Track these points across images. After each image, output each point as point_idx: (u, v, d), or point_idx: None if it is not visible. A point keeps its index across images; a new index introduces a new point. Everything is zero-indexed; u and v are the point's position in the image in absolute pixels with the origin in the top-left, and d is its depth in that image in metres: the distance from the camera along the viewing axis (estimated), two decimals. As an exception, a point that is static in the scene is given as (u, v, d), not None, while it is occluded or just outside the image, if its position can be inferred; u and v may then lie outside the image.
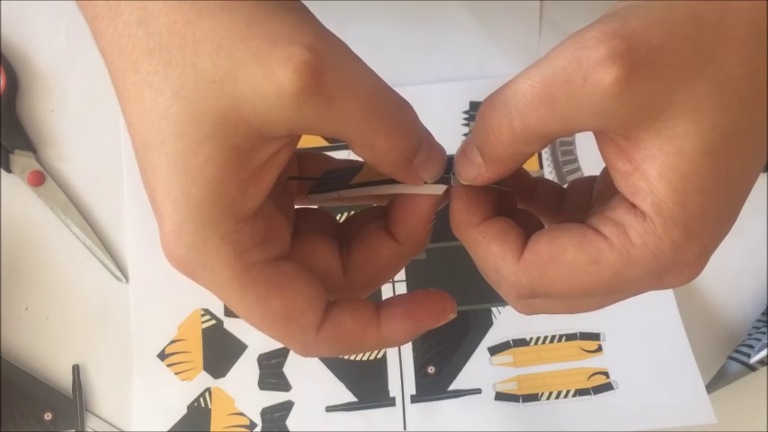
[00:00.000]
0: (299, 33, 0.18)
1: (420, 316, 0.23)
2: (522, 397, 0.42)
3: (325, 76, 0.18)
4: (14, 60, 0.47)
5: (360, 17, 0.48)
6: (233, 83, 0.18)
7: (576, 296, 0.22)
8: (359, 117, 0.19)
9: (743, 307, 0.44)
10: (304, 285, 0.21)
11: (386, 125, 0.20)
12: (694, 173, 0.18)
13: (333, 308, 0.22)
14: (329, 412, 0.42)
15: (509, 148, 0.21)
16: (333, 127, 0.19)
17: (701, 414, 0.41)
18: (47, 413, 0.41)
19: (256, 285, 0.20)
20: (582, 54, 0.18)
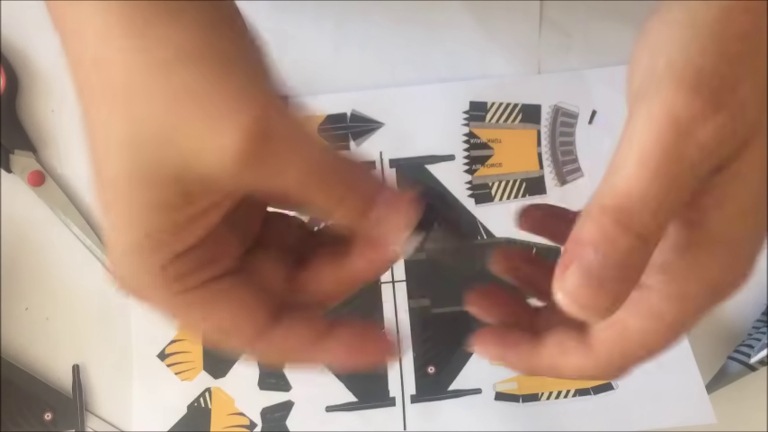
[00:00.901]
0: (249, 100, 0.19)
1: (364, 353, 0.23)
2: (522, 397, 0.42)
3: (267, 146, 0.18)
4: (14, 60, 0.47)
5: (359, 17, 0.48)
6: (182, 137, 0.19)
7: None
8: (301, 183, 0.20)
9: (743, 307, 0.44)
10: (243, 300, 0.22)
11: (329, 186, 0.20)
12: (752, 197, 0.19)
13: (277, 322, 0.22)
14: (329, 412, 0.42)
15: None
16: (276, 190, 0.20)
17: (700, 414, 0.41)
18: (47, 413, 0.41)
19: (193, 308, 0.21)
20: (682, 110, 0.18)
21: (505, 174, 0.46)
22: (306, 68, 0.47)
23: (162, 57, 0.19)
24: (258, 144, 0.18)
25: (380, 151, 0.46)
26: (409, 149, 0.46)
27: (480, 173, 0.46)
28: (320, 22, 0.48)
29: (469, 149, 0.46)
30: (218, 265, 0.22)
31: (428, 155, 0.46)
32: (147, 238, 0.20)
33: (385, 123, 0.46)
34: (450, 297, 0.44)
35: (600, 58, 0.47)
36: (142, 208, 0.20)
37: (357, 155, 0.46)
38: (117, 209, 0.20)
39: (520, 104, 0.47)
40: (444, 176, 0.46)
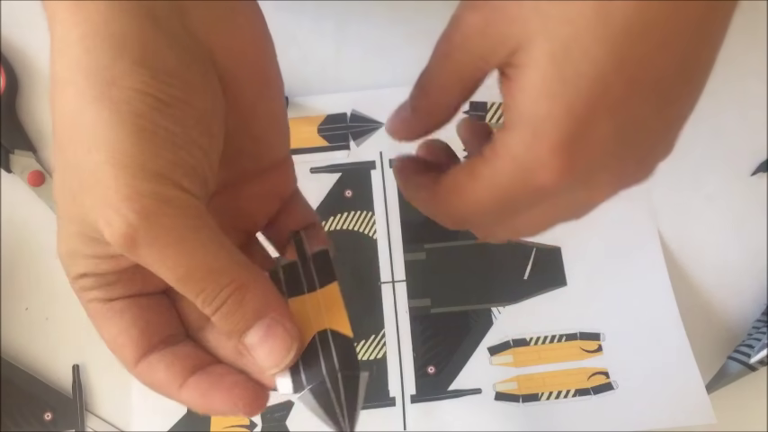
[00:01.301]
0: (124, 207, 0.19)
1: (212, 401, 0.23)
2: (522, 397, 0.42)
3: (136, 247, 0.20)
4: (14, 60, 0.47)
5: (360, 17, 0.48)
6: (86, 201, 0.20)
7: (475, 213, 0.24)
8: (174, 283, 0.21)
9: (743, 307, 0.44)
10: (131, 326, 0.23)
11: (201, 297, 0.21)
12: (541, 79, 0.20)
13: (156, 353, 0.24)
14: (329, 412, 0.42)
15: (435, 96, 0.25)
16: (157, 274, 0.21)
17: (700, 414, 0.41)
18: (47, 413, 0.41)
19: (92, 315, 0.24)
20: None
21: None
22: (306, 68, 0.47)
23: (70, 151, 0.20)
24: (128, 248, 0.20)
25: (380, 151, 0.46)
26: (409, 150, 0.46)
27: (480, 173, 0.46)
28: (320, 22, 0.48)
29: (469, 149, 0.46)
30: (126, 288, 0.24)
31: (428, 155, 0.46)
32: (66, 254, 0.23)
33: (385, 123, 0.46)
34: (450, 297, 0.44)
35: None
36: (67, 235, 0.22)
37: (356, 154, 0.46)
38: (59, 216, 0.22)
39: (520, 104, 0.47)
40: (444, 176, 0.46)
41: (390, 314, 0.44)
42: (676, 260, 0.45)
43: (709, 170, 0.46)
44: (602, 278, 0.44)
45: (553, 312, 0.44)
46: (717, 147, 0.47)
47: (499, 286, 0.44)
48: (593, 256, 0.45)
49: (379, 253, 0.45)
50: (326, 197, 0.45)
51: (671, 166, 0.47)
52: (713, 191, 0.46)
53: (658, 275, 0.44)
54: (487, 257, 0.45)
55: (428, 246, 0.45)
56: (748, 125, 0.47)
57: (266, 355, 0.22)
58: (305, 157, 0.46)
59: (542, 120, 0.21)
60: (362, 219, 0.45)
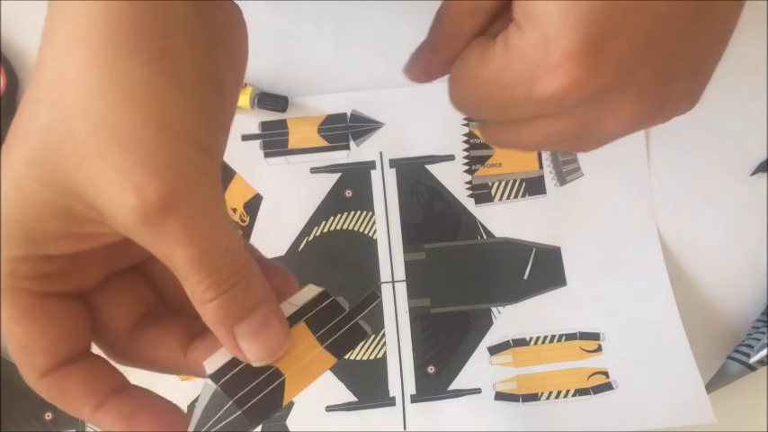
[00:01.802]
0: (168, 169, 0.18)
1: (136, 424, 0.22)
2: (521, 397, 0.42)
3: (166, 217, 0.18)
4: (14, 60, 0.47)
5: (359, 17, 0.48)
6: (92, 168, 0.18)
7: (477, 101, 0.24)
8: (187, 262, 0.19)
9: (742, 307, 0.44)
10: (57, 330, 0.21)
11: (209, 280, 0.20)
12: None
13: (72, 364, 0.21)
14: (329, 412, 0.42)
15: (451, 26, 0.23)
16: (161, 256, 0.20)
17: (700, 414, 0.41)
18: (47, 413, 0.41)
19: (11, 306, 0.20)
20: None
21: (505, 174, 0.46)
22: (306, 68, 0.47)
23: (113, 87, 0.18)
24: (152, 218, 0.18)
25: (380, 151, 0.46)
26: (409, 149, 0.46)
27: (480, 173, 0.46)
28: (320, 22, 0.48)
29: (469, 149, 0.46)
30: (63, 284, 0.21)
31: (428, 155, 0.46)
32: (16, 225, 0.19)
33: (385, 123, 0.46)
34: (450, 297, 0.44)
35: (600, 58, 0.47)
36: (28, 198, 0.19)
37: (358, 153, 0.46)
38: (7, 176, 0.19)
39: (520, 104, 0.47)
40: (444, 176, 0.46)
41: (390, 314, 0.44)
42: (676, 260, 0.45)
43: (708, 170, 0.46)
44: (601, 278, 0.44)
45: (553, 312, 0.44)
46: (716, 147, 0.47)
47: (499, 286, 0.44)
48: (592, 256, 0.45)
49: (379, 253, 0.45)
50: (326, 197, 0.45)
51: (671, 166, 0.47)
52: (713, 191, 0.46)
53: (658, 275, 0.44)
54: (487, 257, 0.45)
55: (428, 246, 0.45)
56: (748, 125, 0.47)
57: (260, 346, 0.21)
58: (305, 157, 0.46)
59: (556, 24, 0.20)
60: (362, 219, 0.45)
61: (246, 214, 0.45)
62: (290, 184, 0.45)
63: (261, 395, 0.21)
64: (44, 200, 0.19)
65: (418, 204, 0.46)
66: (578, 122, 0.23)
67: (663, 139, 0.46)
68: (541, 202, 0.46)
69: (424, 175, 0.46)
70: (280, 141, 0.46)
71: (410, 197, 0.46)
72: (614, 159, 0.46)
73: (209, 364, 0.21)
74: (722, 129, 0.47)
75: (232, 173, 0.46)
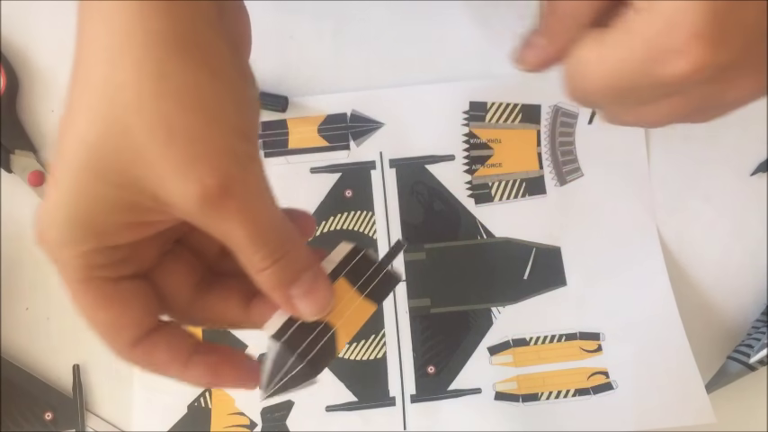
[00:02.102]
0: (224, 159, 0.20)
1: (220, 376, 0.24)
2: (521, 397, 0.42)
3: (225, 201, 0.20)
4: (15, 60, 0.47)
5: (359, 17, 0.48)
6: (151, 162, 0.20)
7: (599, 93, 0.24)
8: (244, 239, 0.22)
9: (742, 307, 0.44)
10: (134, 306, 0.23)
11: (264, 252, 0.22)
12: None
13: (155, 333, 0.24)
14: (329, 412, 0.42)
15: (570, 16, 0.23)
16: (220, 235, 0.22)
17: (700, 414, 0.41)
18: (47, 413, 0.41)
19: (90, 295, 0.23)
20: None
21: (505, 174, 0.46)
22: (306, 68, 0.47)
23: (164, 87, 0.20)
24: (213, 203, 0.20)
25: (380, 151, 0.46)
26: (409, 149, 0.46)
27: (480, 173, 0.46)
28: (320, 22, 0.48)
29: (469, 149, 0.46)
30: (128, 266, 0.23)
31: (428, 155, 0.46)
32: (82, 223, 0.21)
33: (385, 123, 0.46)
34: (450, 297, 0.44)
35: (600, 58, 0.47)
36: (91, 194, 0.21)
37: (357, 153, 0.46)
38: (67, 176, 0.21)
39: (520, 104, 0.47)
40: (444, 176, 0.46)
41: (390, 314, 0.44)
42: (676, 260, 0.45)
43: (708, 170, 0.46)
44: (601, 278, 0.44)
45: (553, 312, 0.44)
46: (716, 147, 0.47)
47: (499, 286, 0.44)
48: (592, 256, 0.45)
49: (379, 253, 0.45)
50: (326, 197, 0.45)
51: (671, 166, 0.47)
52: (713, 191, 0.46)
53: (658, 275, 0.44)
54: (487, 257, 0.45)
55: (428, 246, 0.45)
56: (748, 125, 0.47)
57: (312, 302, 0.24)
58: (305, 157, 0.46)
59: (678, 6, 0.20)
60: (362, 219, 0.45)
61: (246, 214, 0.45)
62: (290, 184, 0.45)
63: (318, 346, 0.24)
64: (108, 197, 0.21)
65: (418, 204, 0.46)
66: (702, 98, 0.23)
67: (663, 139, 0.46)
68: (541, 202, 0.46)
69: (424, 175, 0.46)
70: (280, 141, 0.46)
71: (410, 197, 0.46)
72: (614, 159, 0.46)
73: (268, 327, 0.24)
74: (722, 129, 0.47)
75: (232, 173, 0.46)
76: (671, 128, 0.47)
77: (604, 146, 0.46)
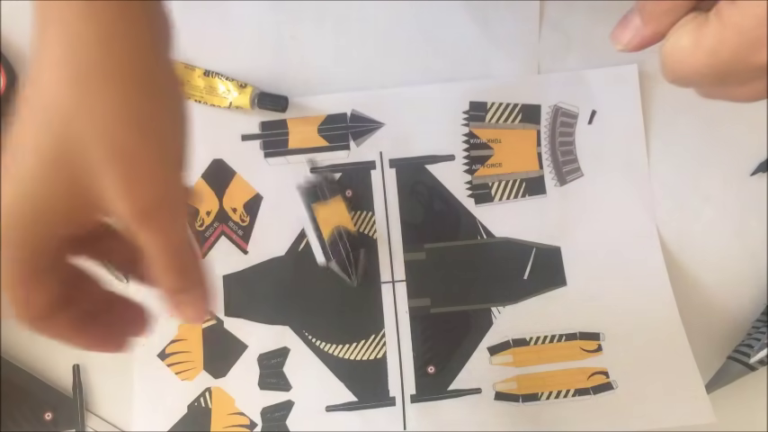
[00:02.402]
0: (159, 186, 0.23)
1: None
2: (521, 397, 0.42)
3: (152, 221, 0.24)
4: (14, 60, 0.47)
5: (360, 17, 0.48)
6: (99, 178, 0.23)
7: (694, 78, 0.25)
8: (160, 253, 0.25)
9: (742, 307, 0.44)
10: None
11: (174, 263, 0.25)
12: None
13: None
14: (329, 412, 0.42)
15: None
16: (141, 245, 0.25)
17: (700, 414, 0.41)
18: (47, 413, 0.41)
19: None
20: None
21: (505, 174, 0.46)
22: (306, 68, 0.47)
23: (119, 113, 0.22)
24: (142, 220, 0.23)
25: (380, 151, 0.46)
26: (409, 149, 0.46)
27: (480, 173, 0.46)
28: (320, 22, 0.48)
29: (469, 149, 0.46)
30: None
31: (428, 155, 0.46)
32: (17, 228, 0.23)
33: (385, 123, 0.46)
34: (450, 297, 0.44)
35: (600, 58, 0.47)
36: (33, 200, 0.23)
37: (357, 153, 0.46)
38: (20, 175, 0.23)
39: (520, 104, 0.47)
40: (444, 176, 0.46)
41: (390, 314, 0.44)
42: (676, 260, 0.45)
43: (708, 170, 0.46)
44: (601, 278, 0.44)
45: (553, 312, 0.44)
46: (716, 147, 0.47)
47: (499, 286, 0.44)
48: (592, 256, 0.45)
49: (379, 253, 0.45)
50: (326, 197, 0.45)
51: (671, 166, 0.47)
52: (713, 191, 0.46)
53: (658, 275, 0.44)
54: (487, 257, 0.45)
55: (428, 246, 0.45)
56: (748, 125, 0.47)
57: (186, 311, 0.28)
58: (305, 157, 0.46)
59: None
60: (362, 218, 0.45)
61: (246, 214, 0.45)
62: (290, 184, 0.45)
63: None
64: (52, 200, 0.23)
65: (418, 204, 0.46)
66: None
67: (663, 140, 0.46)
68: (541, 202, 0.46)
69: (424, 175, 0.46)
70: (280, 141, 0.46)
71: (410, 197, 0.46)
72: (614, 159, 0.46)
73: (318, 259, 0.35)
74: (722, 129, 0.47)
75: (232, 173, 0.46)
76: (671, 127, 0.47)
77: (604, 146, 0.46)
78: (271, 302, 0.44)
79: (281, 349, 0.43)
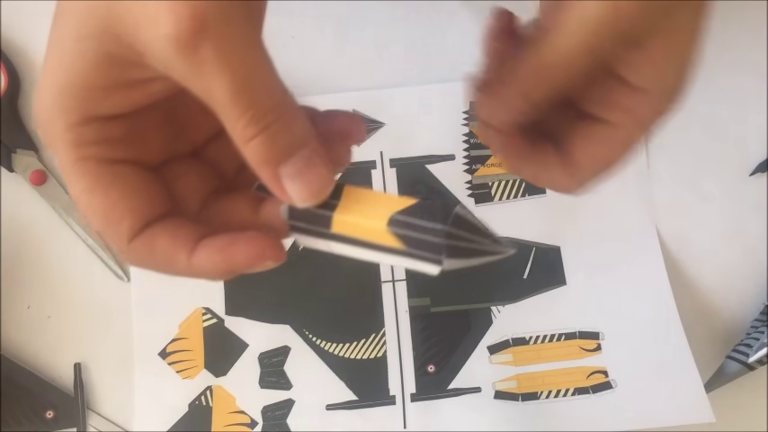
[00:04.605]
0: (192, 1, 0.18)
1: (234, 254, 0.21)
2: (521, 396, 0.42)
3: (201, 40, 0.18)
4: (16, 60, 0.47)
5: (360, 17, 0.48)
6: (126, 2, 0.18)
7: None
8: (225, 93, 0.19)
9: (741, 306, 0.45)
10: (134, 194, 0.21)
11: (250, 114, 0.19)
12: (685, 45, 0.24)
13: (156, 224, 0.22)
14: (329, 410, 0.42)
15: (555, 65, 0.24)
16: (200, 92, 0.19)
17: (699, 413, 0.41)
18: (48, 411, 0.41)
19: (86, 177, 0.21)
20: None
21: (505, 174, 0.46)
22: (306, 68, 0.47)
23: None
24: (192, 37, 0.18)
25: (381, 151, 0.46)
26: (409, 149, 0.46)
27: (480, 173, 0.46)
28: (321, 22, 0.48)
29: (469, 149, 0.46)
30: (128, 150, 0.22)
31: (428, 155, 0.46)
32: (65, 89, 0.20)
33: (385, 123, 0.46)
34: (450, 296, 0.44)
35: (600, 58, 0.47)
36: (72, 58, 0.20)
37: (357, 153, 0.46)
38: (53, 55, 0.20)
39: (520, 104, 0.47)
40: (444, 176, 0.46)
41: (390, 313, 0.44)
42: (675, 260, 0.45)
43: (708, 170, 0.46)
44: (601, 277, 0.44)
45: (552, 311, 0.44)
46: (716, 146, 0.47)
47: (499, 285, 0.44)
48: (592, 256, 0.45)
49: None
50: (327, 196, 0.46)
51: (671, 166, 0.47)
52: (712, 191, 0.46)
53: (657, 275, 0.44)
54: (487, 257, 0.45)
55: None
56: (748, 125, 0.47)
57: (303, 185, 0.21)
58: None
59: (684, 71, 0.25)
60: (363, 218, 0.45)
61: (247, 214, 0.45)
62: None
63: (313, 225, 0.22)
64: (86, 54, 0.19)
65: (418, 204, 0.46)
66: None
67: (663, 140, 0.47)
68: (541, 201, 0.46)
69: (425, 175, 0.46)
70: (280, 141, 0.46)
71: (410, 197, 0.46)
72: (614, 159, 0.46)
73: (283, 207, 0.23)
74: (722, 129, 0.47)
75: (233, 172, 0.46)
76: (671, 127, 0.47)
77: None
78: (271, 301, 0.44)
79: (282, 348, 0.43)
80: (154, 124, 0.23)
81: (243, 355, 0.43)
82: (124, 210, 0.21)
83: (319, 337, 0.43)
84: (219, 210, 0.24)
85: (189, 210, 0.24)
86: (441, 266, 0.21)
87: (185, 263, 0.21)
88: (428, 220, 0.21)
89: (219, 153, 0.25)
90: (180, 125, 0.24)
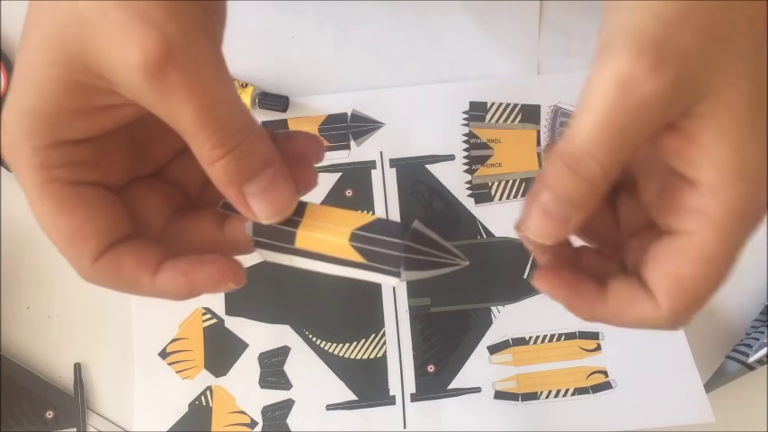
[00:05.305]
0: (166, 21, 0.18)
1: (196, 276, 0.22)
2: (521, 396, 0.42)
3: (169, 69, 0.18)
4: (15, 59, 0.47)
5: (360, 17, 0.48)
6: (95, 32, 0.19)
7: None
8: (192, 118, 0.19)
9: (741, 306, 0.45)
10: (99, 215, 0.22)
11: (216, 137, 0.20)
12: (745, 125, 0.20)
13: (120, 245, 0.22)
14: (329, 410, 0.42)
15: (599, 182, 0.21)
16: (167, 116, 0.20)
17: (699, 413, 0.41)
18: (48, 411, 0.41)
19: (51, 199, 0.21)
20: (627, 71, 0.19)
21: (505, 174, 0.46)
22: (307, 68, 0.47)
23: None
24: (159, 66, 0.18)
25: (381, 151, 0.46)
26: (409, 149, 0.46)
27: (480, 173, 0.46)
28: (321, 23, 0.48)
29: (469, 149, 0.46)
30: (93, 173, 0.22)
31: (428, 155, 0.46)
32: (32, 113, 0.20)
33: (385, 123, 0.47)
34: (450, 296, 0.44)
35: (599, 58, 0.47)
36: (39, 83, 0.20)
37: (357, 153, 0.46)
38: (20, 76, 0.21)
39: (519, 104, 0.47)
40: (444, 176, 0.46)
41: (390, 313, 0.44)
42: (675, 260, 0.45)
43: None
44: (601, 277, 0.44)
45: (552, 311, 0.44)
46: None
47: (499, 285, 0.44)
48: (592, 256, 0.45)
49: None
50: (327, 196, 0.46)
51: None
52: (712, 191, 0.46)
53: (657, 275, 0.44)
54: (487, 257, 0.45)
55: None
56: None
57: (268, 203, 0.21)
58: (305, 156, 0.46)
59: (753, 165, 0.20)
60: (363, 218, 0.45)
61: (247, 214, 0.45)
62: (291, 183, 0.45)
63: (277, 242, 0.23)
64: (55, 80, 0.20)
65: (418, 204, 0.46)
66: None
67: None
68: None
69: (424, 175, 0.46)
70: (280, 141, 0.46)
71: (410, 197, 0.46)
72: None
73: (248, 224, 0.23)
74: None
75: (233, 172, 0.46)
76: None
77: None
78: (271, 301, 0.44)
79: (282, 348, 0.43)
80: (118, 146, 0.23)
81: (243, 355, 0.43)
82: (89, 231, 0.21)
83: (319, 337, 0.43)
84: (184, 227, 0.24)
85: (153, 229, 0.24)
86: (399, 278, 0.22)
87: (148, 284, 0.22)
88: (387, 236, 0.22)
89: (183, 171, 0.25)
90: (143, 146, 0.24)
